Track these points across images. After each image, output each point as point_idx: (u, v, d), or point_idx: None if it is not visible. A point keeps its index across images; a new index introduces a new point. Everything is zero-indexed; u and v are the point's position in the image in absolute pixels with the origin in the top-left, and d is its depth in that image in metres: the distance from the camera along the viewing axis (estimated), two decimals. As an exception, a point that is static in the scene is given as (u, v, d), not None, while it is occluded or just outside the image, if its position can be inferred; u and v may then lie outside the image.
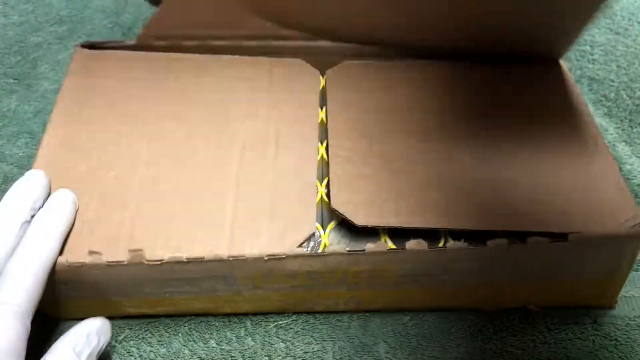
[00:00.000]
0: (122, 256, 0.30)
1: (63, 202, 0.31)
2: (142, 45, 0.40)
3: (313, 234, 0.32)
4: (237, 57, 0.40)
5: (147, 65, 0.39)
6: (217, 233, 0.31)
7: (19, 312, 0.26)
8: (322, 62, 0.40)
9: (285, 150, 0.35)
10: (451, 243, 0.30)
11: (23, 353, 0.26)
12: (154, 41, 0.40)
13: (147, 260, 0.30)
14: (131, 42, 0.40)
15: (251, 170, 0.34)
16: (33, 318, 0.27)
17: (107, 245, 0.30)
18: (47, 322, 0.34)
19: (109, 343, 0.31)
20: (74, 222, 0.31)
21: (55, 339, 0.33)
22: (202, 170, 0.34)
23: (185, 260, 0.30)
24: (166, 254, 0.30)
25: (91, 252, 0.30)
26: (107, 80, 0.38)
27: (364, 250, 0.30)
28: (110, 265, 0.30)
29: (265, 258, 0.30)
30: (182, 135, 0.36)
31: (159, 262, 0.30)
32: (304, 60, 0.40)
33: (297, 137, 0.36)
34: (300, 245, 0.31)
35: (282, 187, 0.33)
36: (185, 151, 0.35)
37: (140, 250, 0.30)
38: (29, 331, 0.26)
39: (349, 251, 0.30)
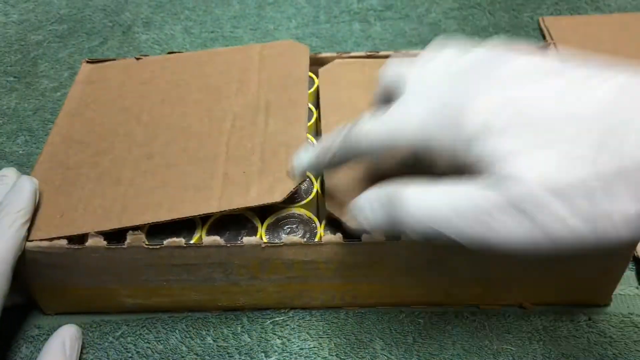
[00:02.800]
0: (114, 224, 0.30)
1: (18, 193, 0.31)
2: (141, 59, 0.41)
3: (303, 182, 0.32)
4: (229, 47, 0.41)
5: (145, 66, 0.41)
6: (207, 192, 0.32)
7: None
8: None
9: (275, 114, 0.36)
10: None
11: None
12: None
13: (146, 245, 0.30)
14: (131, 59, 0.42)
15: (242, 135, 0.35)
16: (28, 314, 0.27)
17: (100, 216, 0.31)
18: (42, 319, 0.34)
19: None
20: (36, 208, 0.31)
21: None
22: (194, 142, 0.35)
23: (184, 245, 0.30)
24: (156, 218, 0.30)
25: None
26: (108, 83, 0.40)
27: (360, 239, 0.30)
28: (110, 248, 0.30)
29: (262, 246, 0.30)
30: (177, 117, 0.36)
31: (158, 247, 0.30)
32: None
33: (286, 101, 0.36)
34: (289, 194, 0.31)
35: (271, 145, 0.34)
36: (179, 129, 0.36)
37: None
38: None
39: (344, 240, 0.30)
